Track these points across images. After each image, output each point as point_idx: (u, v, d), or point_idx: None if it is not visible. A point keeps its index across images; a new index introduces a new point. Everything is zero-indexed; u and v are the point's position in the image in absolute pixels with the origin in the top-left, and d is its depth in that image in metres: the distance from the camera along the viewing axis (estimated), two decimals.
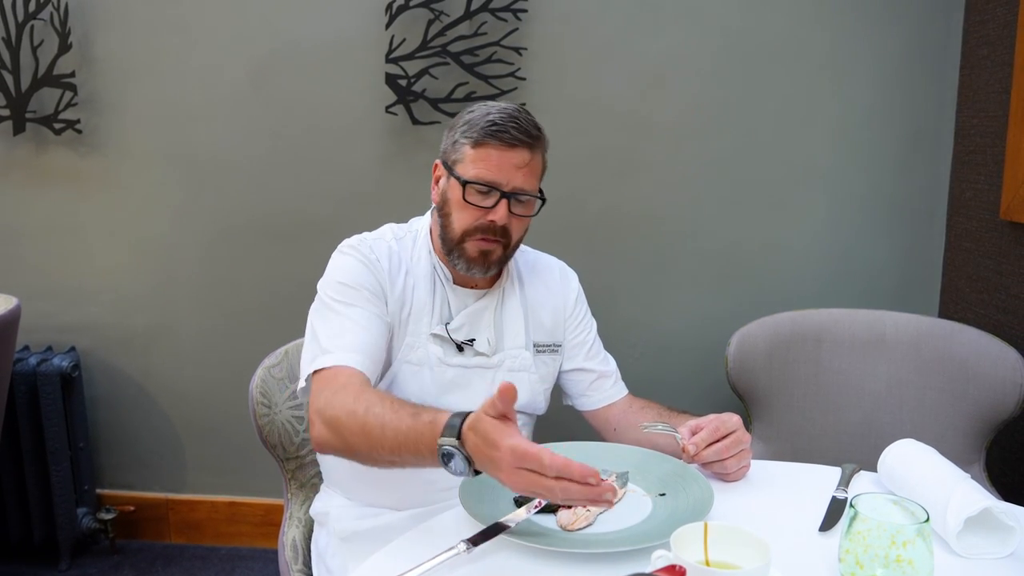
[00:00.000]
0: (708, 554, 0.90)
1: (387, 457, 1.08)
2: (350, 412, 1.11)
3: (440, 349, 1.36)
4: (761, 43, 2.08)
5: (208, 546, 2.46)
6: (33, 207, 2.32)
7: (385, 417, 1.07)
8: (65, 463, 2.26)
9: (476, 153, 1.28)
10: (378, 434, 1.07)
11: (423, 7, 2.07)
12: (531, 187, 1.31)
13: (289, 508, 1.54)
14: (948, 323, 1.76)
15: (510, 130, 1.27)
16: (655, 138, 2.14)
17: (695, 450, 1.19)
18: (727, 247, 2.17)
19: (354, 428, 1.10)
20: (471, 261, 1.32)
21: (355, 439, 1.11)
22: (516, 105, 1.33)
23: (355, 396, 1.13)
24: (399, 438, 1.05)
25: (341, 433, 1.12)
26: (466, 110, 1.34)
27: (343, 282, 1.30)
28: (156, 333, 2.36)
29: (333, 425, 1.13)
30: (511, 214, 1.30)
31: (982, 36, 1.94)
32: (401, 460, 1.07)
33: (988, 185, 1.90)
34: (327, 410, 1.15)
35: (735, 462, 1.21)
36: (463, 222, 1.30)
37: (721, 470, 1.21)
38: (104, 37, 2.21)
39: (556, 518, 1.07)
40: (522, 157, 1.29)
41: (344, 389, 1.16)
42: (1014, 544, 1.00)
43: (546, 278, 1.49)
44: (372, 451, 1.09)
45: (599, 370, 1.51)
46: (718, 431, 1.20)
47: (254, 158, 2.23)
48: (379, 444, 1.07)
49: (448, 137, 1.35)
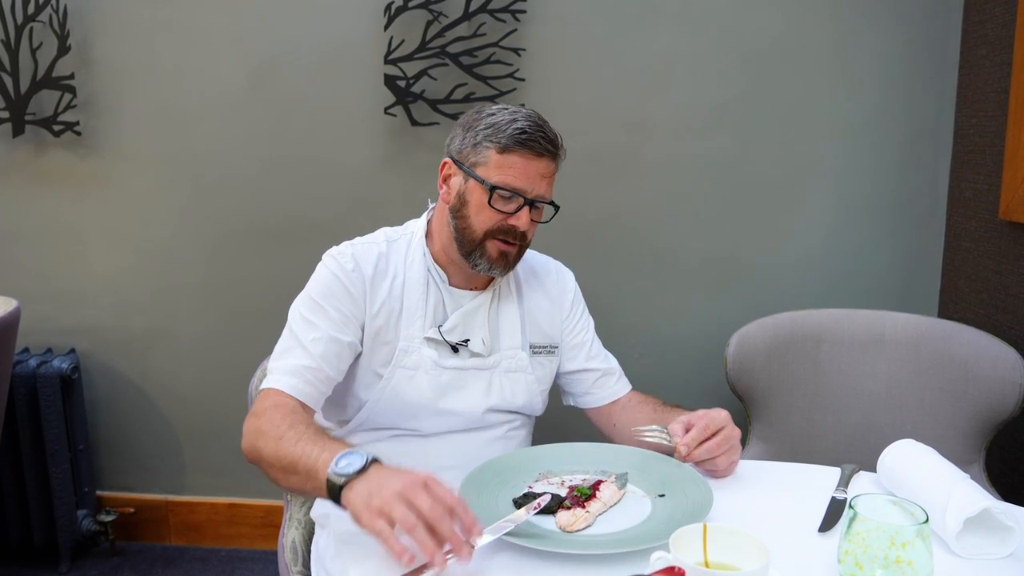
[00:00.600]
0: (707, 555, 0.90)
1: (284, 468, 1.13)
2: (261, 434, 1.18)
3: (435, 352, 1.36)
4: (760, 44, 2.08)
5: (208, 548, 2.46)
6: (32, 209, 2.32)
7: (287, 439, 1.14)
8: (65, 465, 2.26)
9: (503, 159, 1.29)
10: (274, 453, 1.14)
11: (422, 8, 2.07)
12: (549, 194, 1.35)
13: (289, 510, 1.54)
14: (947, 323, 1.76)
15: (539, 140, 1.29)
16: (654, 139, 2.14)
17: (687, 450, 1.19)
18: (726, 248, 2.17)
19: (261, 448, 1.17)
20: (492, 261, 1.33)
21: (263, 455, 1.17)
22: (533, 111, 1.34)
23: (270, 421, 1.19)
24: (295, 454, 1.10)
25: (257, 452, 1.18)
26: (483, 111, 1.34)
27: (312, 296, 1.33)
28: (156, 335, 2.36)
29: (248, 445, 1.20)
30: (531, 220, 1.32)
31: (981, 36, 1.94)
32: (295, 468, 1.10)
33: (987, 185, 1.90)
34: (246, 432, 1.22)
35: (725, 459, 1.22)
36: (484, 224, 1.31)
37: (712, 467, 1.22)
38: (103, 39, 2.21)
39: (555, 519, 1.07)
40: (548, 166, 1.32)
41: (269, 411, 1.21)
42: (1013, 544, 1.00)
43: (543, 279, 1.50)
44: (273, 466, 1.15)
45: (602, 368, 1.51)
46: (708, 428, 1.21)
47: (253, 160, 2.24)
48: (278, 459, 1.13)
49: (465, 137, 1.33)
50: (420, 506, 0.93)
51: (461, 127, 1.36)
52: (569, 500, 1.10)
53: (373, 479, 0.99)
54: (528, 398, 1.42)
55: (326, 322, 1.30)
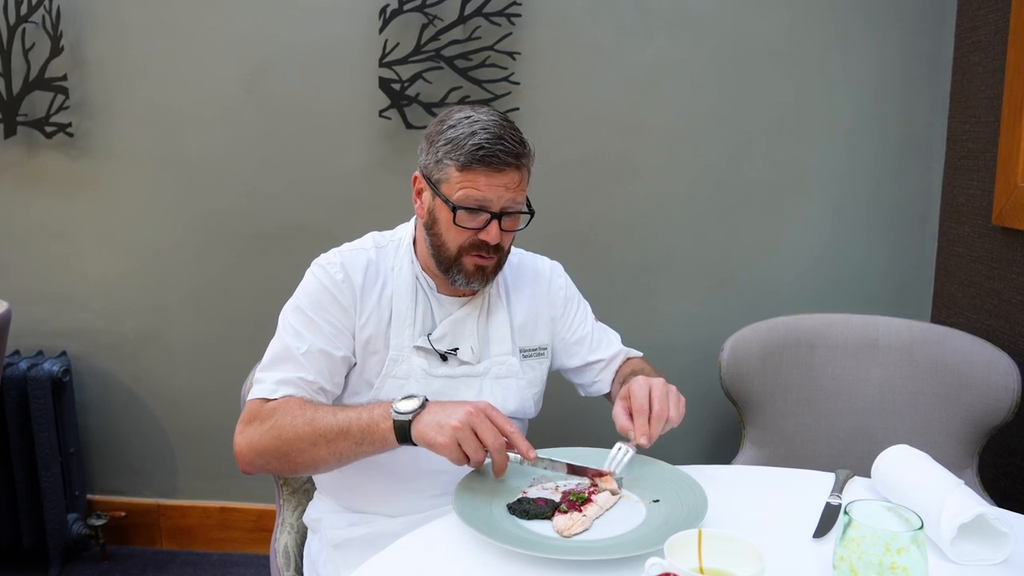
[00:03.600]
0: (702, 562, 0.90)
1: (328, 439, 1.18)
2: (279, 427, 1.21)
3: (424, 361, 1.35)
4: (754, 49, 2.08)
5: (199, 552, 2.44)
6: (24, 211, 2.31)
7: (320, 415, 1.20)
8: (55, 468, 2.24)
9: (463, 176, 1.25)
10: (308, 431, 1.18)
11: (417, 11, 2.07)
12: (520, 200, 1.30)
13: (281, 514, 1.53)
14: (941, 328, 1.77)
15: (498, 154, 1.23)
16: (648, 143, 2.14)
17: (648, 441, 1.18)
18: (720, 252, 2.18)
19: (285, 435, 1.20)
20: (470, 276, 1.32)
21: (288, 441, 1.20)
22: (499, 117, 1.28)
23: (287, 414, 1.22)
24: (341, 422, 1.18)
25: (277, 445, 1.21)
26: (445, 122, 1.29)
27: (302, 308, 1.32)
28: (147, 338, 2.35)
29: (259, 446, 1.23)
30: (502, 231, 1.29)
31: (974, 42, 1.94)
32: (346, 433, 1.17)
33: (980, 191, 1.91)
34: (250, 438, 1.24)
35: (676, 414, 1.21)
36: (455, 241, 1.29)
37: (671, 425, 1.21)
38: (96, 40, 2.20)
39: (552, 523, 1.07)
40: (511, 178, 1.27)
41: (279, 411, 1.23)
42: (1008, 551, 1.00)
43: (531, 281, 1.48)
44: (305, 447, 1.19)
45: (605, 357, 1.51)
46: (643, 408, 1.20)
47: (246, 162, 2.23)
48: (309, 437, 1.18)
49: (429, 152, 1.30)
50: (485, 436, 1.09)
51: (426, 139, 1.32)
52: (565, 504, 1.10)
53: (438, 410, 1.12)
54: (520, 403, 1.42)
55: (318, 336, 1.30)
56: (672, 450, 2.20)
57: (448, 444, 1.08)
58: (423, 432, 1.10)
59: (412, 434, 1.12)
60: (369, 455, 1.18)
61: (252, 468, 1.26)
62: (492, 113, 1.29)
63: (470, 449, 1.08)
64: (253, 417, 1.25)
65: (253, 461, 1.24)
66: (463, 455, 1.09)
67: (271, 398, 1.25)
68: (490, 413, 1.11)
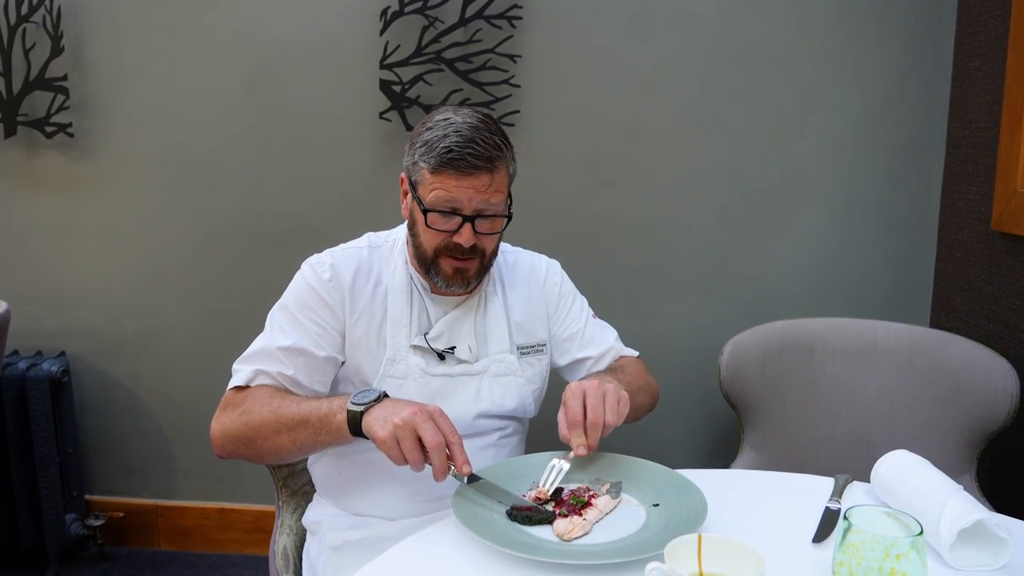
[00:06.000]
0: (702, 566, 0.90)
1: (289, 427, 1.21)
2: (247, 413, 1.25)
3: (422, 360, 1.35)
4: (754, 53, 2.09)
5: (198, 553, 2.44)
6: (23, 211, 2.31)
7: (286, 404, 1.23)
8: (54, 469, 2.24)
9: (434, 179, 1.25)
10: (271, 418, 1.22)
11: (418, 13, 2.07)
12: (496, 202, 1.28)
13: (280, 516, 1.53)
14: (940, 333, 1.77)
15: (467, 157, 1.23)
16: (648, 146, 2.14)
17: (587, 451, 1.16)
18: (720, 256, 2.18)
19: (252, 422, 1.24)
20: (449, 278, 1.32)
21: (254, 427, 1.24)
22: (478, 118, 1.27)
23: (256, 401, 1.27)
24: (303, 411, 1.20)
25: (244, 432, 1.25)
26: (425, 124, 1.29)
27: (288, 307, 1.34)
28: (146, 338, 2.35)
29: (228, 432, 1.28)
30: (477, 233, 1.28)
31: (973, 48, 1.95)
32: (305, 422, 1.19)
33: (979, 196, 1.91)
34: (223, 424, 1.29)
35: (613, 417, 1.18)
36: (431, 242, 1.30)
37: (609, 428, 1.19)
38: (97, 41, 2.20)
39: (552, 527, 1.07)
40: (482, 181, 1.25)
41: (250, 398, 1.28)
42: (1007, 556, 1.00)
43: (526, 278, 1.49)
44: (268, 434, 1.23)
45: (594, 355, 1.51)
46: (577, 419, 1.17)
47: (246, 163, 2.23)
48: (272, 425, 1.22)
49: (409, 153, 1.31)
50: (424, 435, 1.08)
51: (409, 141, 1.32)
52: (566, 508, 1.10)
53: (388, 406, 1.13)
54: (519, 400, 1.42)
55: (302, 335, 1.31)
56: (671, 454, 2.21)
57: (387, 440, 1.08)
58: (369, 425, 1.12)
59: (362, 426, 1.13)
60: (328, 446, 1.21)
61: (224, 452, 1.30)
62: (472, 115, 1.28)
63: (407, 448, 1.08)
64: (227, 404, 1.30)
65: (224, 445, 1.29)
66: (401, 454, 1.09)
67: (247, 387, 1.29)
68: (436, 417, 1.11)
